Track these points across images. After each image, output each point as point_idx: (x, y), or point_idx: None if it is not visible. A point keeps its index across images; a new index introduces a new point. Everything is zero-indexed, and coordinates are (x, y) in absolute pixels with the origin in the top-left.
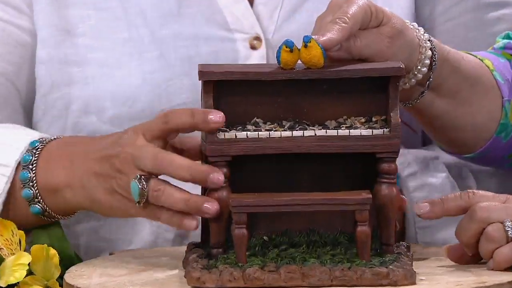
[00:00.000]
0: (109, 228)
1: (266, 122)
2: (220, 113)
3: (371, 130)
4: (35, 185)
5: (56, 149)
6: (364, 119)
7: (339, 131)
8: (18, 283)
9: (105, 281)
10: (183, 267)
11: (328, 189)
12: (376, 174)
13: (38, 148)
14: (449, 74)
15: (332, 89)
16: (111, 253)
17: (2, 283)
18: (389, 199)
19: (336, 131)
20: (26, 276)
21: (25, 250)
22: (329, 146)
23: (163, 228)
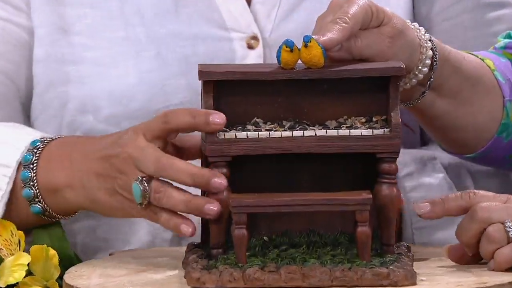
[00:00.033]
0: (106, 228)
1: (266, 122)
2: (222, 115)
3: (371, 130)
4: (36, 185)
5: (57, 148)
6: (365, 119)
7: (339, 131)
8: (17, 283)
9: (104, 281)
10: (183, 268)
11: (328, 189)
12: (377, 174)
13: (39, 147)
14: (450, 74)
15: (333, 89)
16: (110, 253)
17: (2, 284)
18: (389, 200)
19: (337, 131)
20: (25, 277)
21: (24, 250)
22: (329, 146)
23: (161, 228)
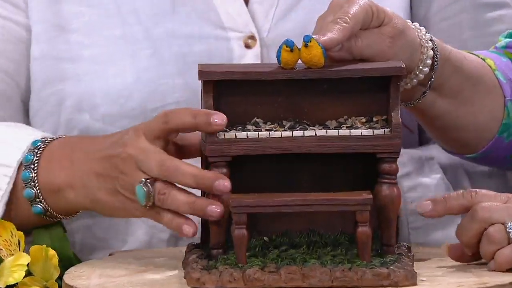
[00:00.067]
0: (103, 227)
1: (266, 122)
2: (223, 116)
3: (372, 130)
4: (37, 185)
5: (58, 148)
6: (365, 119)
7: (339, 131)
8: (17, 283)
9: (104, 281)
10: (182, 268)
11: (328, 190)
12: (377, 174)
13: (40, 147)
14: (451, 74)
15: (333, 89)
16: (110, 254)
17: (1, 284)
18: (390, 200)
19: (337, 131)
20: (25, 277)
21: (24, 250)
22: (329, 146)
23: (158, 228)
